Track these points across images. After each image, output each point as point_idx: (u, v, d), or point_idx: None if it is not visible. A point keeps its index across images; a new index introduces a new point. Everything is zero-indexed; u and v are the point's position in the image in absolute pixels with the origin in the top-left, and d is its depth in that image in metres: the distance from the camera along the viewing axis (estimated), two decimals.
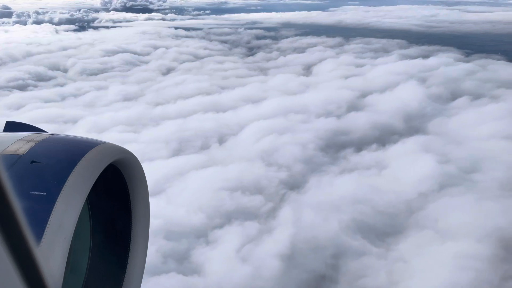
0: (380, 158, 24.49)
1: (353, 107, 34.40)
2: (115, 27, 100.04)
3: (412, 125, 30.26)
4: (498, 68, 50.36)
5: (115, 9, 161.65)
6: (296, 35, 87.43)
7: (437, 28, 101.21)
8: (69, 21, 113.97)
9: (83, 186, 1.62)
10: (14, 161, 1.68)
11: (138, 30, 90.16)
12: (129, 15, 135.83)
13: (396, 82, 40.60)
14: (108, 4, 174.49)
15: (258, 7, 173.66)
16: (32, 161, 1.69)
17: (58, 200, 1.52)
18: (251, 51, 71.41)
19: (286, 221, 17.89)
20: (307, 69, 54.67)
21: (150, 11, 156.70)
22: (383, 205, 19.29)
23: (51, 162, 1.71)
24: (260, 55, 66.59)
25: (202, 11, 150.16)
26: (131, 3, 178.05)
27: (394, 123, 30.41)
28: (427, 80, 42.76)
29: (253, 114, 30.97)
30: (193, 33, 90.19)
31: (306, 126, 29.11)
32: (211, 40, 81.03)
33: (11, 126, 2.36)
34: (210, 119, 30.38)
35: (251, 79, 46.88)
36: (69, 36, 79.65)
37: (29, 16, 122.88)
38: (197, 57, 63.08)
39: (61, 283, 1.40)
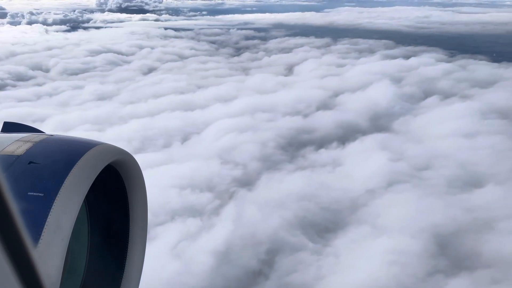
0: (337, 156, 24.65)
1: (323, 106, 34.55)
2: (105, 27, 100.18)
3: (377, 124, 30.40)
4: (478, 68, 50.49)
5: (111, 10, 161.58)
6: (285, 35, 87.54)
7: (427, 29, 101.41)
8: (63, 22, 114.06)
9: (81, 187, 1.62)
10: (12, 162, 1.67)
11: (127, 30, 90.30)
12: (123, 15, 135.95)
13: (371, 82, 40.77)
14: (104, 5, 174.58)
15: (254, 8, 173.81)
16: (30, 162, 1.68)
17: (56, 201, 1.52)
18: (238, 51, 71.47)
19: (227, 218, 18.04)
20: (289, 69, 54.81)
21: (145, 12, 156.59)
22: (328, 202, 19.44)
23: (49, 162, 1.70)
24: (245, 55, 66.66)
25: (198, 12, 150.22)
26: (126, 4, 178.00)
27: (359, 121, 30.56)
28: (402, 80, 42.89)
29: (221, 113, 31.14)
30: (182, 33, 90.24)
31: (270, 125, 29.26)
32: (199, 41, 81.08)
33: (9, 127, 2.34)
34: (176, 117, 30.53)
35: (230, 78, 47.03)
36: (57, 37, 79.78)
37: (23, 16, 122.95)
38: (182, 57, 63.22)
39: (58, 284, 1.40)
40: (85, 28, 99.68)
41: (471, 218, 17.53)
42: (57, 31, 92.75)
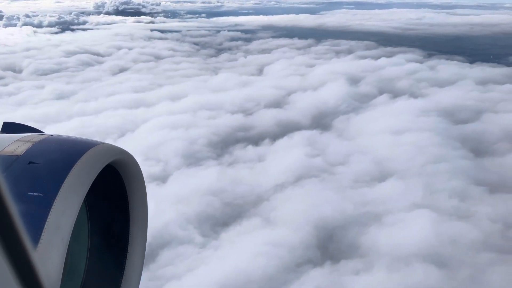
0: (263, 153, 24.81)
1: (272, 104, 34.69)
2: (92, 29, 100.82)
3: (318, 122, 30.53)
4: (445, 68, 50.52)
5: (108, 13, 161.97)
6: (271, 37, 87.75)
7: (414, 30, 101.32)
8: (58, 24, 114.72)
9: (80, 186, 1.61)
10: (11, 162, 1.66)
11: (113, 32, 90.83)
12: (118, 18, 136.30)
13: (329, 81, 40.87)
14: (101, 8, 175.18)
15: (250, 11, 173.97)
16: (30, 162, 1.67)
17: (55, 201, 1.51)
18: (219, 52, 71.69)
19: None
20: (261, 70, 54.97)
21: (141, 14, 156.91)
22: (233, 197, 19.59)
23: (49, 162, 1.69)
24: (224, 56, 66.91)
25: (197, 15, 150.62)
26: (123, 6, 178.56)
27: (300, 119, 30.67)
28: (362, 80, 42.97)
29: (163, 111, 31.40)
30: (168, 35, 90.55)
31: (209, 122, 29.47)
32: (183, 42, 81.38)
33: (8, 127, 2.32)
34: (118, 116, 30.80)
35: (196, 78, 47.27)
36: (40, 38, 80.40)
37: (18, 19, 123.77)
38: (158, 58, 63.47)
39: (59, 285, 1.39)
40: (72, 30, 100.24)
41: (363, 212, 17.64)
42: (45, 33, 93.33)
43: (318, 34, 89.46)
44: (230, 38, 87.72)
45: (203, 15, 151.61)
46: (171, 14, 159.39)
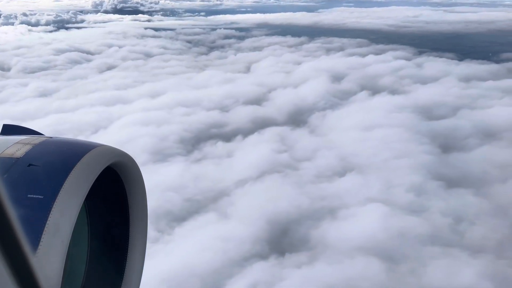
0: (232, 149, 24.84)
1: (251, 101, 34.69)
2: (86, 28, 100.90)
3: (294, 118, 30.54)
4: (432, 65, 50.35)
5: (106, 11, 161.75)
6: (264, 35, 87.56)
7: (408, 28, 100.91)
8: (55, 23, 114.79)
9: (80, 189, 1.60)
10: (11, 164, 1.66)
11: (107, 30, 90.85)
12: (115, 16, 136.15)
13: (312, 78, 40.83)
14: (99, 6, 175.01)
15: (248, 9, 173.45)
16: (29, 164, 1.67)
17: (55, 203, 1.50)
18: (210, 50, 71.60)
19: None
20: (248, 67, 54.94)
21: (139, 13, 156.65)
22: (193, 193, 19.64)
23: (48, 165, 1.69)
24: (214, 53, 66.87)
25: (196, 13, 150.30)
26: (121, 5, 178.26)
27: (277, 117, 30.69)
28: (346, 77, 42.91)
29: (139, 107, 31.45)
30: (162, 33, 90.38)
31: (183, 119, 29.50)
32: (177, 40, 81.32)
33: (8, 129, 2.31)
34: (94, 112, 30.87)
35: (182, 75, 47.32)
36: (32, 37, 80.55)
37: (16, 18, 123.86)
38: (148, 56, 63.48)
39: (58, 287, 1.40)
40: (67, 29, 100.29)
41: (318, 206, 17.67)
42: (39, 32, 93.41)
43: (312, 32, 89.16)
44: (223, 36, 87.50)
45: (202, 13, 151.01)
46: (170, 12, 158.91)
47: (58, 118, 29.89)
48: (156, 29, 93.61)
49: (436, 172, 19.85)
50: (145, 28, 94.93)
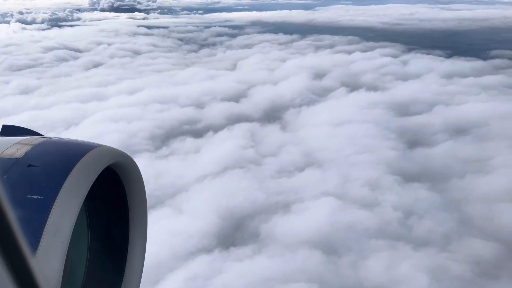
0: (200, 145, 24.84)
1: (229, 98, 34.66)
2: (79, 25, 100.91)
3: (269, 115, 30.52)
4: (417, 63, 50.31)
5: (103, 9, 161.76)
6: (257, 32, 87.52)
7: (402, 25, 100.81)
8: (51, 21, 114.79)
9: (80, 189, 1.60)
10: (11, 165, 1.66)
11: (99, 28, 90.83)
12: (111, 14, 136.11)
13: (294, 75, 40.82)
14: (96, 5, 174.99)
15: (245, 7, 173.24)
16: (29, 165, 1.67)
17: (55, 203, 1.50)
18: (201, 47, 71.51)
19: None
20: (235, 64, 54.93)
21: (136, 11, 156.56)
22: (153, 188, 19.61)
23: (48, 165, 1.68)
24: (204, 51, 66.79)
25: (194, 11, 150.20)
26: (118, 3, 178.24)
27: (251, 113, 30.67)
28: (328, 73, 42.88)
29: (114, 104, 31.46)
30: (155, 31, 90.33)
31: (156, 115, 29.52)
32: (168, 37, 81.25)
33: (8, 130, 2.31)
34: (69, 109, 30.89)
35: (167, 73, 47.34)
36: (23, 35, 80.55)
37: (12, 16, 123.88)
38: (136, 53, 63.44)
39: None
40: (60, 27, 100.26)
41: (274, 201, 17.67)
42: (32, 30, 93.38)
43: (305, 30, 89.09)
44: (216, 34, 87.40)
45: (200, 11, 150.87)
46: (167, 10, 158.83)
47: (33, 115, 29.91)
48: (149, 27, 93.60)
49: (395, 167, 19.84)
50: (138, 26, 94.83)
